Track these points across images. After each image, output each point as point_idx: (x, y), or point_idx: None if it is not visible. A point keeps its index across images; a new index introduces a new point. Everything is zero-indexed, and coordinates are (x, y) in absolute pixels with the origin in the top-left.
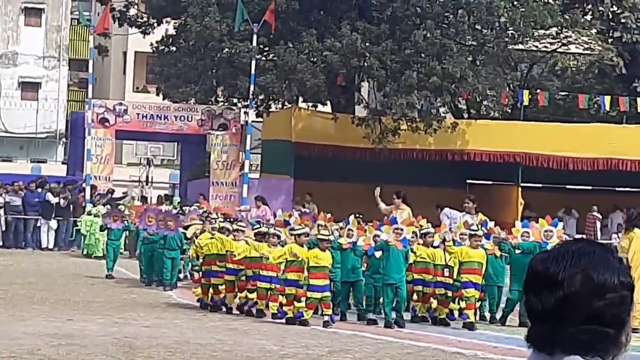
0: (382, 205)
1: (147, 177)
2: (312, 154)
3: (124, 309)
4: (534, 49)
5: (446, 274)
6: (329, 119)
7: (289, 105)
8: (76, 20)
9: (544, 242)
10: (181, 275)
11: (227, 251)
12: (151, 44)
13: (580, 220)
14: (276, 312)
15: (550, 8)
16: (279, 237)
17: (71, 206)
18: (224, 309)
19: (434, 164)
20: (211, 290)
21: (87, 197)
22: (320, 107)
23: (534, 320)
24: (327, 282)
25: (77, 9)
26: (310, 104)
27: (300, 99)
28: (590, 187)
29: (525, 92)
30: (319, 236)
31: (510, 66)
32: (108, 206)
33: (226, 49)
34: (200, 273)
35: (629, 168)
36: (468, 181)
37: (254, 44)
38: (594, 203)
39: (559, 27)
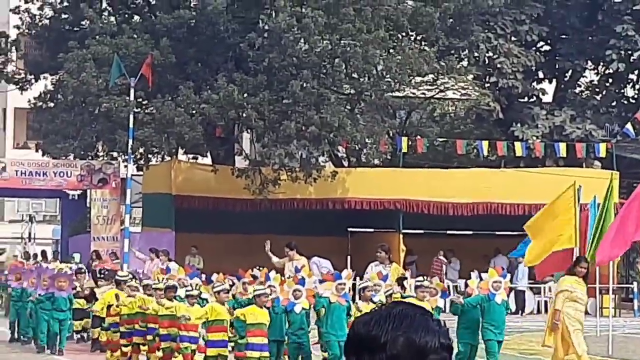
0: (275, 259)
1: (29, 234)
2: (193, 206)
3: None
4: (412, 95)
5: None
6: (208, 171)
7: (169, 158)
8: None
9: (492, 293)
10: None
11: (142, 307)
12: (29, 100)
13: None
14: None
15: (426, 55)
16: (198, 295)
17: None
18: None
19: (315, 213)
20: (129, 349)
21: None
22: (200, 159)
23: None
24: (266, 340)
25: None
26: (191, 156)
27: (180, 151)
28: (471, 232)
29: (404, 139)
30: (257, 292)
31: (388, 113)
32: None
33: (104, 104)
34: (118, 334)
35: (508, 212)
36: (349, 229)
37: (132, 97)
38: (475, 247)
39: (436, 74)
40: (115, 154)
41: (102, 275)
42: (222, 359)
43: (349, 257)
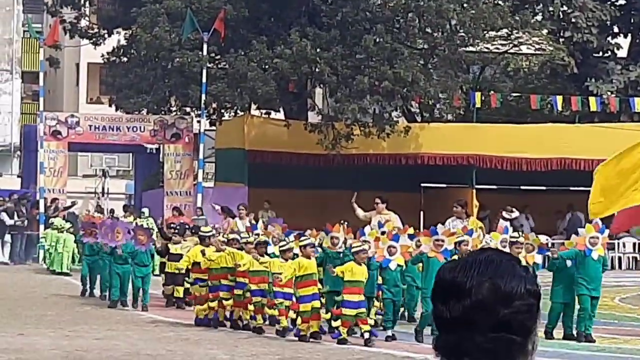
0: (360, 212)
1: (103, 189)
2: (266, 162)
3: (76, 322)
4: (486, 50)
5: None
6: (281, 126)
7: (242, 113)
8: (28, 33)
9: (589, 249)
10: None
11: (236, 264)
12: (102, 55)
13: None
14: (287, 326)
15: (500, 9)
16: (292, 250)
17: (26, 220)
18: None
19: (388, 169)
20: (215, 304)
21: (42, 210)
22: (273, 114)
23: (441, 329)
24: (362, 297)
25: (27, 21)
26: (263, 112)
27: (253, 106)
28: (544, 188)
29: (478, 94)
30: (355, 248)
31: (462, 68)
32: (60, 218)
33: (177, 59)
34: (206, 288)
35: (582, 167)
36: (422, 185)
37: (204, 52)
38: (549, 203)
39: (510, 29)
40: (188, 109)
41: (176, 231)
42: (315, 312)
43: (421, 213)
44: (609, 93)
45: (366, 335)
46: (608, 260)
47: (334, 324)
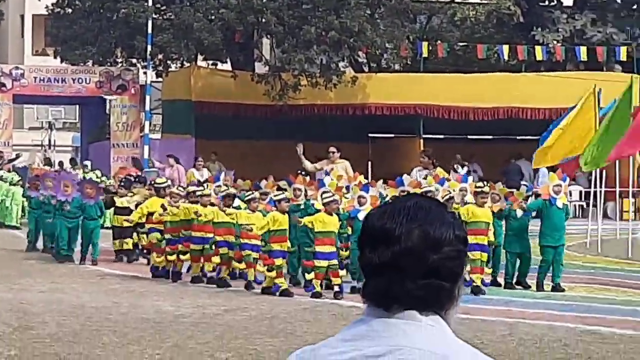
0: (308, 164)
1: (49, 141)
2: (213, 113)
3: (22, 276)
4: (432, 0)
5: None
6: (228, 77)
7: (188, 65)
8: None
9: (553, 197)
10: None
11: (192, 217)
12: (47, 7)
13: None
14: (254, 279)
15: None
16: (256, 200)
17: None
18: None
19: (336, 119)
20: (175, 257)
21: None
22: (219, 65)
23: (369, 276)
24: (334, 249)
25: None
26: (210, 62)
27: (200, 57)
28: (491, 137)
29: (425, 44)
30: (325, 199)
31: (408, 18)
32: (9, 171)
33: (122, 9)
34: (164, 241)
35: (529, 116)
36: (370, 135)
37: (150, 3)
38: (496, 152)
39: None
40: (134, 60)
41: (121, 184)
42: (280, 269)
43: (369, 163)
44: (555, 42)
45: (336, 288)
46: None
47: (307, 276)
